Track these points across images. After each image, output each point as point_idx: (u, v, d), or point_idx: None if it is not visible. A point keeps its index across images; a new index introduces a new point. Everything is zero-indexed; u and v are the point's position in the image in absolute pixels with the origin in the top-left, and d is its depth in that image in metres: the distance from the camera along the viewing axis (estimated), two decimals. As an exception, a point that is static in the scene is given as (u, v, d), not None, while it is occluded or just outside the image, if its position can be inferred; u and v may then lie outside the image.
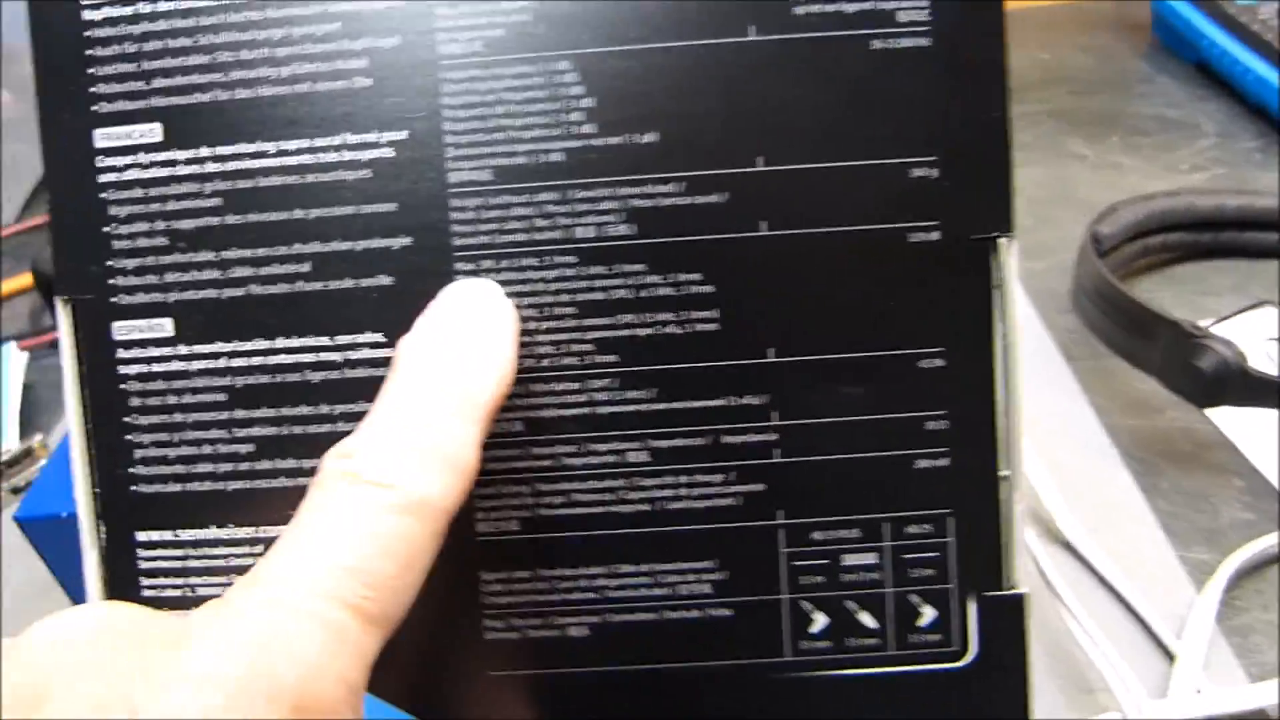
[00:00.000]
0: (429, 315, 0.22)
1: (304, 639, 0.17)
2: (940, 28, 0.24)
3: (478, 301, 0.23)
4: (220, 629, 0.17)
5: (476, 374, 0.21)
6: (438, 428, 0.20)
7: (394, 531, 0.18)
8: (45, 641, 0.17)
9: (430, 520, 0.19)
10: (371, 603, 0.18)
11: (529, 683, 0.25)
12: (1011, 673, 0.25)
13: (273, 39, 0.24)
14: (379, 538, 0.18)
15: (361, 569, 0.18)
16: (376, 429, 0.20)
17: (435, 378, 0.21)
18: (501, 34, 0.24)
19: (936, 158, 0.24)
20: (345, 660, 0.17)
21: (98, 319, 0.25)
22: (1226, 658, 0.34)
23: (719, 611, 0.25)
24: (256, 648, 0.17)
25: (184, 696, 0.16)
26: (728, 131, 0.24)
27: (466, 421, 0.20)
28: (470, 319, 0.22)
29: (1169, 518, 0.40)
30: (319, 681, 0.17)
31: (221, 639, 0.17)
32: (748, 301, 0.24)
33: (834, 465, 0.24)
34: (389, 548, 0.18)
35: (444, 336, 0.22)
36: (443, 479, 0.19)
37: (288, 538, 0.19)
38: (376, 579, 0.18)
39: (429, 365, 0.21)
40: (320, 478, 0.20)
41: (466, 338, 0.22)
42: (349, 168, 0.24)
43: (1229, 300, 0.51)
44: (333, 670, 0.17)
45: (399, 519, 0.19)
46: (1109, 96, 0.74)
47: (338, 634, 0.17)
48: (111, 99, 0.24)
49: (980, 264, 0.24)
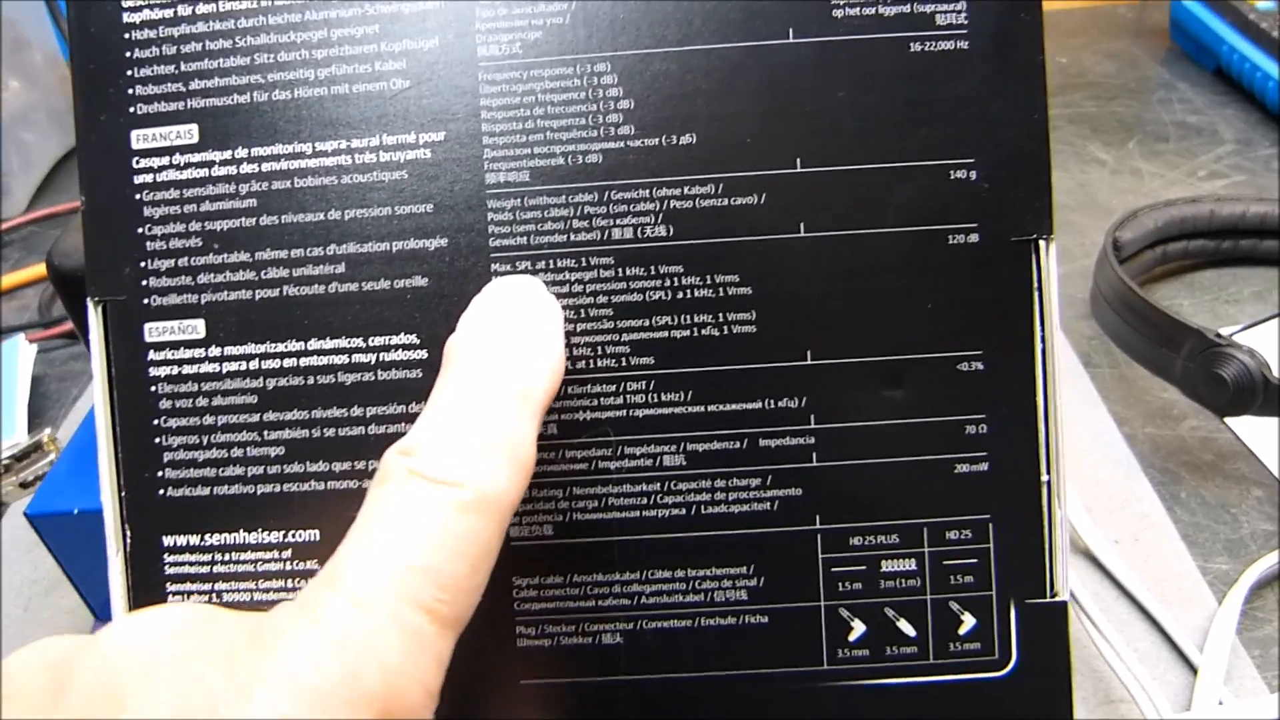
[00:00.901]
0: (477, 311, 0.22)
1: (386, 642, 0.17)
2: (978, 30, 0.24)
3: (525, 296, 0.22)
4: (305, 631, 0.17)
5: (530, 368, 0.21)
6: (498, 422, 0.20)
7: (463, 531, 0.18)
8: (124, 641, 0.17)
9: (496, 517, 0.19)
10: (445, 605, 0.18)
11: (561, 691, 0.25)
12: (1054, 682, 0.25)
13: (311, 41, 0.24)
14: (450, 537, 0.18)
15: (434, 569, 0.18)
16: (437, 425, 0.20)
17: (491, 372, 0.20)
18: (540, 36, 0.24)
19: (975, 160, 0.24)
20: (424, 664, 0.17)
21: (129, 320, 0.25)
22: (1248, 669, 0.34)
23: (755, 619, 0.25)
24: (343, 651, 0.16)
25: (271, 699, 0.16)
26: (765, 133, 0.24)
27: (524, 416, 0.20)
28: (519, 314, 0.22)
29: (1190, 528, 0.40)
30: (402, 686, 0.17)
31: (307, 642, 0.17)
32: (785, 303, 0.24)
33: (872, 470, 0.24)
34: (459, 548, 0.18)
35: (495, 332, 0.21)
36: (507, 474, 0.19)
37: (359, 537, 0.18)
38: (449, 580, 0.18)
39: (484, 360, 0.21)
40: (384, 474, 0.19)
41: (518, 332, 0.21)
42: (386, 169, 0.24)
43: (1249, 308, 0.51)
44: (414, 674, 0.17)
45: (467, 517, 0.18)
46: (1128, 102, 0.74)
47: (416, 637, 0.17)
48: (149, 100, 0.24)
49: (1020, 266, 0.24)
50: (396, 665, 0.17)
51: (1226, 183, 0.62)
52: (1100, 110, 0.73)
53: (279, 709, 0.16)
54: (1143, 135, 0.69)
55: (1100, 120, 0.71)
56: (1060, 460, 0.24)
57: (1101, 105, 0.74)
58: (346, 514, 0.24)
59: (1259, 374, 0.38)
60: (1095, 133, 0.69)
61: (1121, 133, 0.69)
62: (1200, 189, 0.62)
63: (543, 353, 0.21)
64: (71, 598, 0.39)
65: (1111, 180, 0.64)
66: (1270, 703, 0.32)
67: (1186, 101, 0.73)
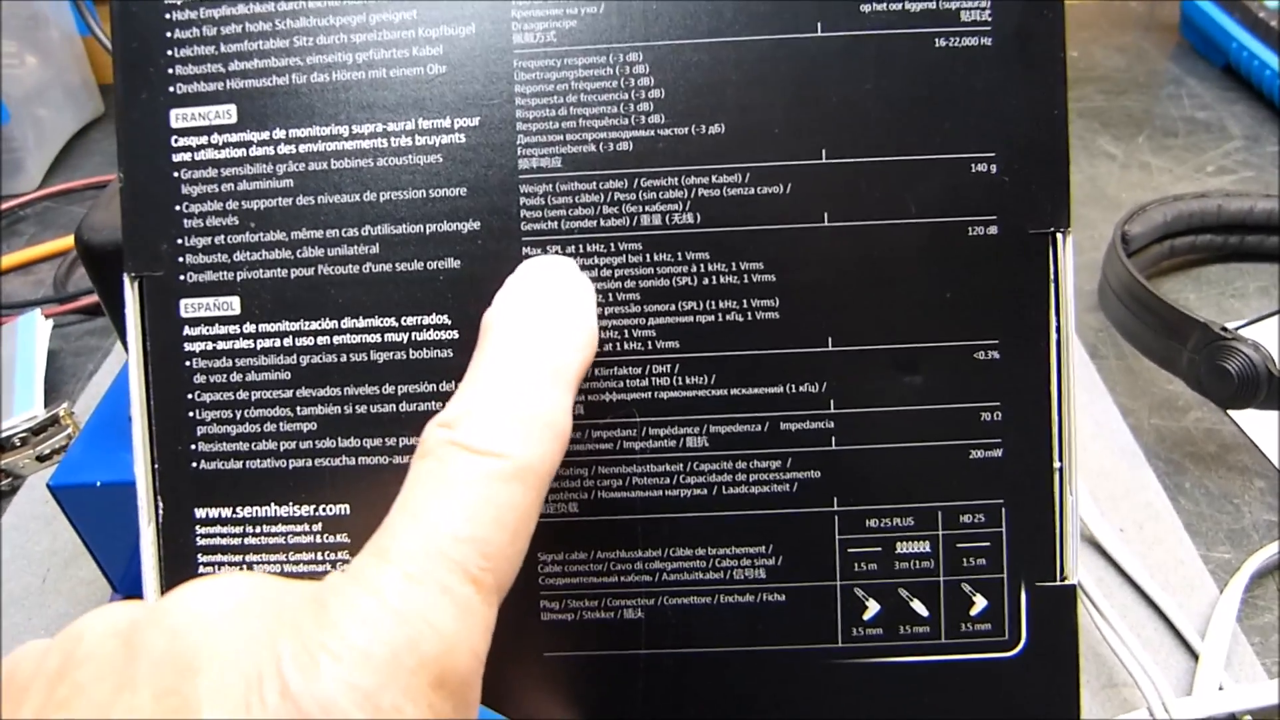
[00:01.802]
0: (513, 287, 0.22)
1: (440, 612, 0.17)
2: (1002, 27, 0.24)
3: (560, 274, 0.23)
4: (364, 602, 0.17)
5: (564, 343, 0.21)
6: (536, 395, 0.20)
7: (505, 500, 0.19)
8: (193, 610, 0.17)
9: (536, 487, 0.19)
10: (488, 573, 0.18)
11: (583, 664, 0.25)
12: (1062, 663, 0.25)
13: (350, 25, 0.24)
14: (492, 507, 0.19)
15: (479, 538, 0.18)
16: (477, 398, 0.20)
17: (528, 346, 0.21)
18: (574, 25, 0.24)
19: (996, 154, 0.24)
20: (474, 632, 0.18)
21: (166, 296, 0.25)
22: (1248, 655, 0.35)
23: (773, 597, 0.25)
24: (401, 621, 0.17)
25: (338, 669, 0.16)
26: (792, 124, 0.24)
27: (561, 388, 0.21)
28: (554, 291, 0.22)
29: (1193, 518, 0.40)
30: (455, 654, 0.17)
31: (368, 612, 0.17)
32: (808, 291, 0.25)
33: (889, 454, 0.25)
34: (501, 517, 0.19)
35: (531, 307, 0.22)
36: (545, 445, 0.20)
37: (406, 509, 0.19)
38: (492, 549, 0.18)
39: (521, 334, 0.21)
40: (426, 448, 0.20)
41: (552, 308, 0.22)
42: (421, 152, 0.24)
43: (1255, 303, 0.52)
44: (466, 643, 0.18)
45: (509, 487, 0.19)
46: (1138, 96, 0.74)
47: (465, 606, 0.18)
48: (189, 80, 0.25)
49: (1038, 258, 0.25)
50: (451, 633, 0.17)
51: (1234, 178, 0.63)
52: (1110, 104, 0.73)
53: (347, 677, 0.16)
54: (1152, 130, 0.69)
55: (1110, 114, 0.72)
56: (1073, 448, 0.25)
57: (1111, 99, 0.74)
58: (376, 489, 0.25)
59: (1263, 367, 0.39)
60: (1105, 127, 0.70)
61: (1131, 127, 0.70)
62: (1208, 184, 0.62)
63: (577, 328, 0.22)
64: (89, 569, 0.39)
65: (1121, 174, 0.64)
66: (1270, 688, 0.32)
67: (1196, 97, 0.73)
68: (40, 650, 0.18)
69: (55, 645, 0.18)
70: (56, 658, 0.17)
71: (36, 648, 0.18)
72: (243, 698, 0.16)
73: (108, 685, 0.16)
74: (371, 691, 0.16)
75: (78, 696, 0.16)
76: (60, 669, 0.17)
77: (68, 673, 0.17)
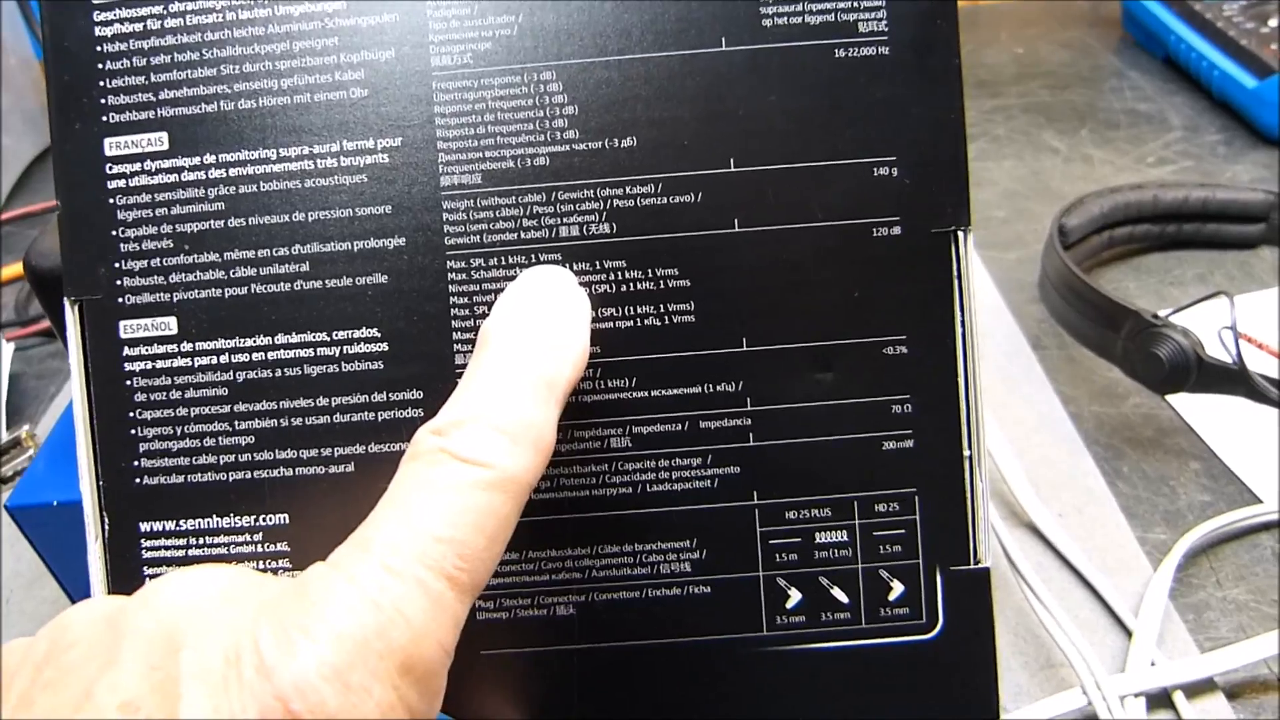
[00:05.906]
0: (512, 298, 0.23)
1: (412, 604, 0.18)
2: (898, 37, 0.25)
3: (557, 287, 0.24)
4: (343, 588, 0.18)
5: (558, 357, 0.22)
6: (525, 409, 0.21)
7: (485, 507, 0.20)
8: (178, 594, 0.19)
9: (516, 497, 0.20)
10: (464, 573, 0.19)
11: (520, 660, 0.26)
12: (978, 643, 0.26)
13: (274, 52, 0.25)
14: (472, 513, 0.20)
15: (457, 540, 0.19)
16: (469, 406, 0.21)
17: (521, 360, 0.22)
18: (490, 47, 0.25)
19: (897, 158, 0.25)
20: (443, 626, 0.19)
21: (105, 318, 0.26)
22: (1180, 632, 0.36)
23: (699, 589, 0.26)
24: (375, 608, 0.18)
25: (314, 647, 0.17)
26: (702, 135, 0.25)
27: (549, 404, 0.22)
28: (551, 304, 0.23)
29: (1130, 500, 0.41)
30: (423, 644, 0.18)
31: (344, 597, 0.18)
32: (722, 294, 0.26)
33: (805, 448, 0.26)
34: (480, 523, 0.20)
35: (528, 319, 0.23)
36: (530, 458, 0.21)
37: (390, 508, 0.20)
38: (469, 551, 0.19)
39: (515, 347, 0.22)
40: (416, 451, 0.21)
41: (549, 322, 0.23)
42: (346, 173, 0.25)
43: (1193, 290, 0.53)
44: (434, 635, 0.19)
45: (490, 495, 0.20)
46: (1082, 90, 0.76)
47: (437, 601, 0.19)
48: (121, 109, 0.26)
49: (940, 256, 0.26)
50: (420, 625, 0.18)
51: (1174, 168, 0.64)
52: (1055, 99, 0.74)
53: (320, 655, 0.17)
54: (1095, 123, 0.70)
55: (1054, 108, 0.73)
56: (981, 437, 0.26)
57: (1056, 94, 0.75)
58: (314, 499, 0.25)
59: (1192, 352, 0.40)
60: (1050, 121, 0.71)
61: (1074, 120, 0.71)
62: (1149, 175, 0.63)
63: (570, 343, 0.23)
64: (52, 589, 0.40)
65: (1064, 167, 0.65)
66: (1200, 662, 0.33)
67: (1138, 89, 0.74)
68: (27, 641, 0.19)
69: (43, 634, 0.19)
70: (44, 645, 0.18)
71: (23, 640, 0.19)
72: (221, 673, 0.17)
73: (95, 664, 0.18)
74: (341, 669, 0.17)
75: (65, 676, 0.18)
76: (48, 653, 0.18)
77: (55, 656, 0.18)
